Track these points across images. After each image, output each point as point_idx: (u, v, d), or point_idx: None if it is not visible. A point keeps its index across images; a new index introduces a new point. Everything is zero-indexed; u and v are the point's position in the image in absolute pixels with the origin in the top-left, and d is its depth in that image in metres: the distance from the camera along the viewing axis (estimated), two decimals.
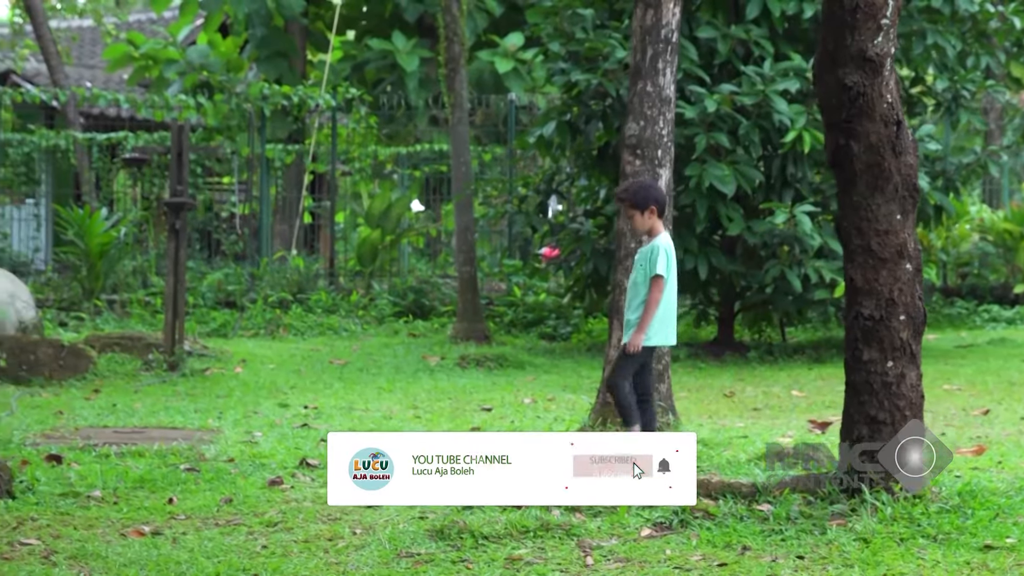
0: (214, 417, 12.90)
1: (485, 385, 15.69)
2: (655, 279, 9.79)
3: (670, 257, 9.89)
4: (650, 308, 9.82)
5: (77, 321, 20.37)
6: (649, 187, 10.13)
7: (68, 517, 8.26)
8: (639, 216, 9.93)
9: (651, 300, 9.81)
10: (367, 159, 26.93)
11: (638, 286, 9.92)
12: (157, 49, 29.48)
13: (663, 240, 9.92)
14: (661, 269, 9.79)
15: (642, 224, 9.97)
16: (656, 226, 9.95)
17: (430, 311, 22.10)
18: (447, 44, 19.77)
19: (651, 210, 9.89)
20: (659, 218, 9.95)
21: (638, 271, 9.96)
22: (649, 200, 9.91)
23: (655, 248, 9.85)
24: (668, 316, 10.00)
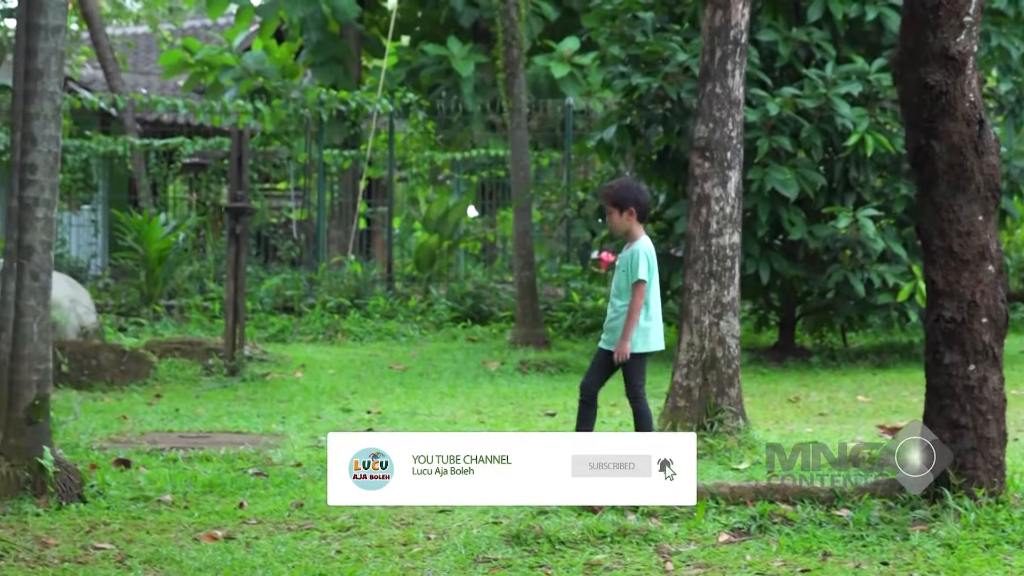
0: (277, 422, 12.89)
1: (547, 390, 15.60)
2: (637, 284, 9.68)
3: (651, 261, 9.78)
4: (633, 314, 9.70)
5: (136, 326, 20.39)
6: (632, 188, 10.00)
7: (140, 521, 8.24)
8: (616, 215, 9.79)
9: (634, 306, 9.70)
10: (424, 164, 26.86)
11: (621, 292, 9.80)
12: (213, 55, 29.53)
13: (643, 244, 9.80)
14: (643, 274, 9.69)
15: (619, 224, 9.83)
16: (635, 229, 9.83)
17: (488, 316, 22.01)
18: (505, 48, 19.70)
19: (630, 211, 9.76)
20: (639, 222, 9.83)
21: (620, 276, 9.83)
22: (629, 201, 9.77)
23: (635, 252, 9.73)
24: (656, 320, 9.92)
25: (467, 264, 26.10)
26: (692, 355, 10.65)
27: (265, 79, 28.31)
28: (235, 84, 28.95)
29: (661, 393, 14.94)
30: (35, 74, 8.64)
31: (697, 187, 10.71)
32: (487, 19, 29.43)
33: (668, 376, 16.45)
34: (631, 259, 9.74)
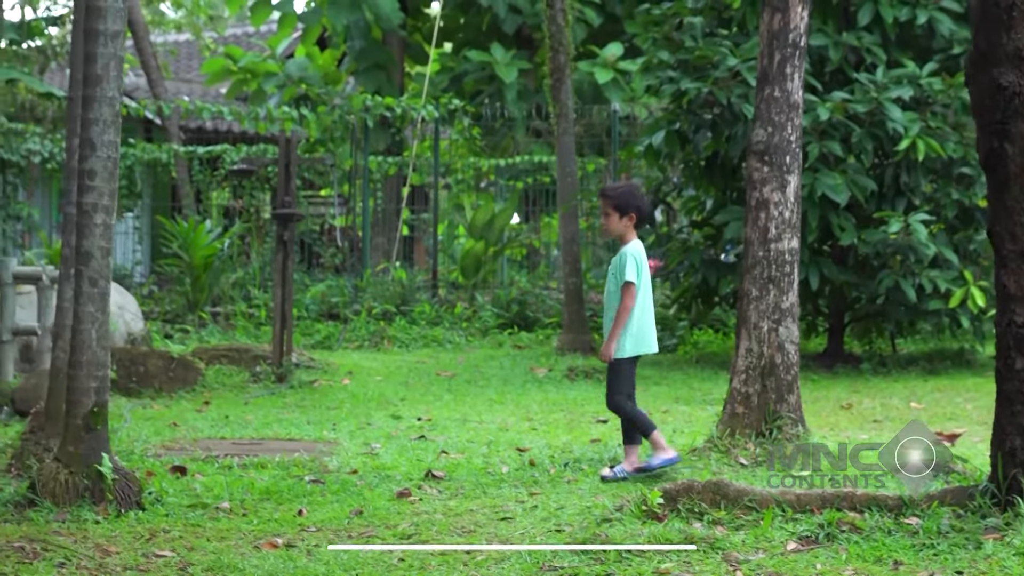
0: (328, 429, 12.83)
1: (596, 397, 15.48)
2: (626, 286, 9.63)
3: (640, 263, 9.71)
4: (621, 316, 9.65)
5: (182, 333, 20.38)
6: (637, 193, 9.98)
7: (199, 529, 8.18)
8: (616, 219, 9.76)
9: (623, 308, 9.65)
10: (469, 170, 26.80)
11: (612, 295, 9.75)
12: (256, 62, 29.54)
13: (633, 247, 9.75)
14: (631, 276, 9.63)
15: (616, 227, 9.79)
16: (628, 233, 9.78)
17: (534, 323, 21.94)
18: (552, 54, 19.63)
19: (630, 216, 9.75)
20: (636, 227, 9.80)
21: (611, 280, 9.79)
22: (631, 207, 9.76)
23: (623, 255, 9.70)
24: (646, 324, 9.84)
25: (511, 271, 26.03)
26: (751, 361, 10.52)
27: (308, 86, 28.32)
28: (278, 91, 28.97)
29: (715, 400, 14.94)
30: (94, 80, 8.60)
31: (755, 192, 10.60)
32: (530, 25, 29.43)
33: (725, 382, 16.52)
34: (620, 262, 9.72)
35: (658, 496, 7.88)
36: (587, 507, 8.55)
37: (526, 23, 29.74)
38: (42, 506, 8.36)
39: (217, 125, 30.48)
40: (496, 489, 9.43)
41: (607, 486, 9.34)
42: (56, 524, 8.05)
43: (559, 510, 8.53)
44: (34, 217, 26.12)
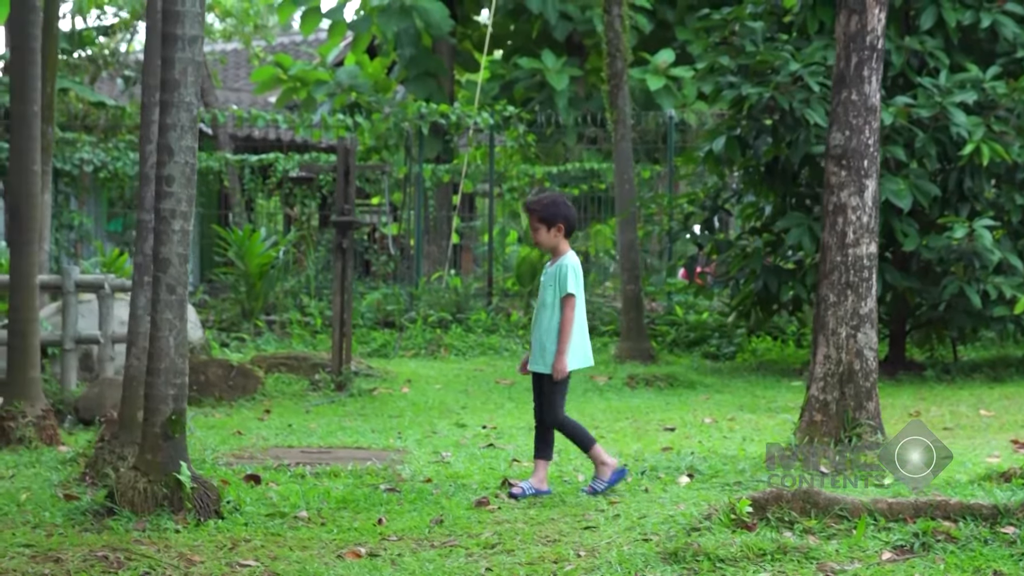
0: (394, 437, 12.76)
1: (660, 405, 15.40)
2: (567, 298, 9.44)
3: (577, 275, 9.53)
4: (566, 329, 9.45)
5: (238, 342, 20.35)
6: (561, 203, 9.69)
7: (280, 538, 8.09)
8: (544, 231, 9.53)
9: (566, 320, 9.45)
10: (524, 177, 26.71)
11: (547, 308, 9.53)
12: (307, 71, 29.52)
13: (569, 259, 9.55)
14: (572, 288, 9.44)
15: (547, 240, 9.57)
16: (561, 245, 9.58)
17: (591, 331, 21.77)
18: (609, 60, 19.52)
19: (559, 227, 9.51)
20: (566, 237, 9.59)
21: (547, 292, 9.56)
22: (558, 217, 9.51)
23: (562, 267, 9.49)
24: (583, 337, 9.68)
25: None
26: (829, 368, 10.38)
27: (358, 94, 28.28)
28: (328, 99, 28.95)
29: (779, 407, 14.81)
30: (171, 85, 8.53)
31: (833, 196, 10.47)
32: (581, 32, 29.31)
33: (787, 390, 16.40)
34: (558, 273, 9.51)
35: (747, 505, 7.75)
36: (670, 516, 8.42)
37: (577, 30, 29.62)
38: (121, 515, 8.28)
39: (266, 133, 30.49)
40: (574, 498, 9.32)
41: (687, 495, 9.21)
42: (137, 533, 7.98)
43: (642, 519, 8.41)
44: (86, 226, 26.15)
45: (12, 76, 11.94)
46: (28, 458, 11.03)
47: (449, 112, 24.63)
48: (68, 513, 8.50)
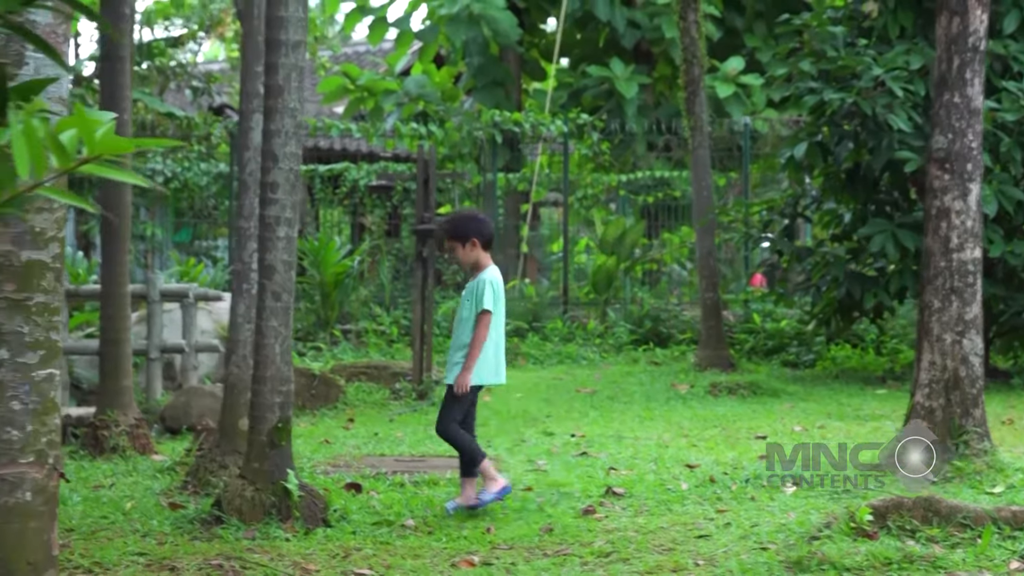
0: (484, 446, 12.58)
1: (746, 413, 15.24)
2: (482, 315, 9.21)
3: (496, 291, 9.30)
4: (476, 345, 9.20)
5: (315, 351, 20.31)
6: (471, 219, 9.55)
7: (390, 547, 8.02)
8: (460, 248, 9.38)
9: (477, 337, 9.21)
10: (599, 186, 26.62)
11: (464, 322, 9.33)
12: (375, 80, 29.53)
13: (489, 273, 9.36)
14: (488, 304, 9.22)
15: (465, 257, 9.40)
16: (482, 259, 9.40)
17: (668, 339, 21.71)
18: (686, 66, 19.39)
19: (472, 242, 9.34)
20: (484, 250, 9.41)
21: (464, 306, 9.38)
22: (470, 232, 9.35)
23: (480, 282, 9.30)
24: (498, 352, 9.44)
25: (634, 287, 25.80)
26: (934, 375, 10.22)
27: (426, 103, 28.26)
28: (396, 109, 28.94)
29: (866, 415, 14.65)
30: (275, 91, 8.48)
31: (936, 200, 10.31)
32: (649, 40, 29.22)
33: (872, 397, 16.24)
34: (476, 288, 9.31)
35: (867, 513, 7.62)
36: (782, 524, 8.31)
37: (645, 37, 29.54)
38: (229, 523, 8.23)
39: (332, 143, 30.49)
40: (680, 506, 9.21)
41: (795, 503, 9.09)
42: (247, 542, 7.92)
43: (754, 527, 8.30)
44: (157, 236, 26.22)
45: (103, 85, 11.94)
46: (124, 467, 11.02)
47: (522, 120, 24.55)
48: (175, 522, 8.46)
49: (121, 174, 2.50)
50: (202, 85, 28.24)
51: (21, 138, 2.50)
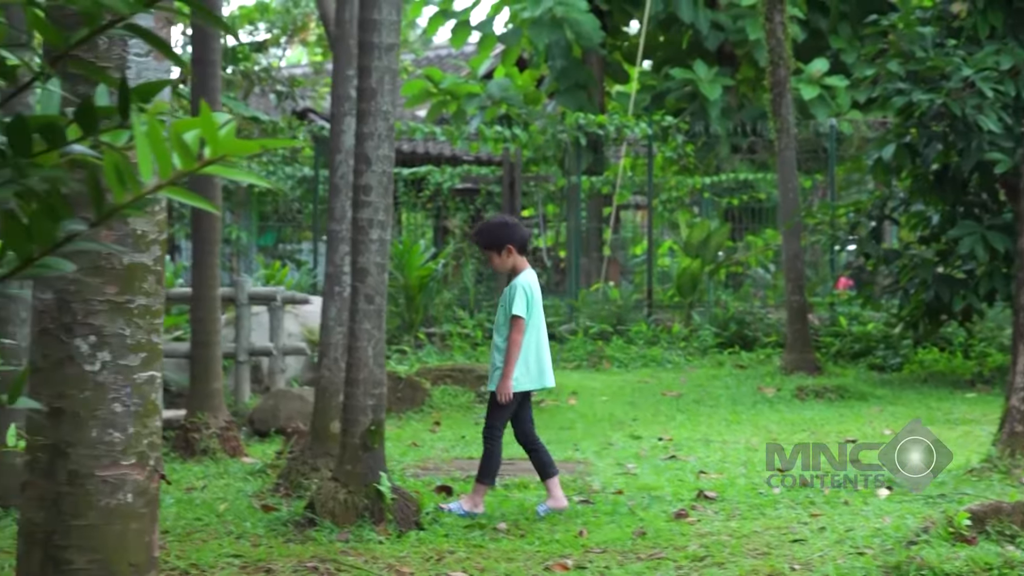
0: (571, 449, 12.66)
1: (834, 417, 15.13)
2: (514, 320, 9.19)
3: (529, 295, 9.26)
4: (512, 351, 9.19)
5: (399, 354, 20.34)
6: (503, 225, 9.51)
7: (483, 550, 8.01)
8: (496, 257, 9.35)
9: (513, 342, 9.19)
10: (683, 188, 26.54)
11: (500, 327, 9.32)
12: (457, 84, 29.57)
13: (523, 278, 9.31)
14: (519, 309, 9.18)
15: (502, 264, 9.36)
16: (518, 264, 9.36)
17: (753, 342, 21.59)
18: (772, 68, 19.27)
19: (508, 249, 9.30)
20: (520, 255, 9.36)
21: (500, 312, 9.37)
22: (503, 239, 9.32)
23: (512, 287, 9.28)
24: (540, 357, 9.40)
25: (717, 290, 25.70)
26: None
27: (509, 106, 28.27)
28: (479, 112, 28.96)
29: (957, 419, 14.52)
30: (369, 94, 8.50)
31: None
32: (732, 42, 29.09)
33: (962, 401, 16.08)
34: (509, 294, 9.30)
35: (965, 518, 7.53)
36: (877, 528, 8.24)
37: (728, 39, 29.42)
38: (322, 526, 8.26)
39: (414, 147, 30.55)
40: (773, 510, 9.14)
41: (890, 508, 9.01)
42: (341, 544, 7.94)
43: (849, 532, 8.23)
44: (242, 240, 26.38)
45: (194, 89, 12.01)
46: (215, 469, 11.08)
47: (606, 123, 24.51)
48: (269, 524, 8.49)
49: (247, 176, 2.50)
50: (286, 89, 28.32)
51: (144, 140, 2.50)
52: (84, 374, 5.41)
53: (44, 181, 2.58)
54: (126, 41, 5.39)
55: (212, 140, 2.51)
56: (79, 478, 5.41)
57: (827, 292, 22.68)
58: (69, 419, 5.38)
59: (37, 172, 2.62)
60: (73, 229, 2.58)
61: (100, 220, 2.62)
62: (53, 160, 2.66)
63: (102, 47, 5.25)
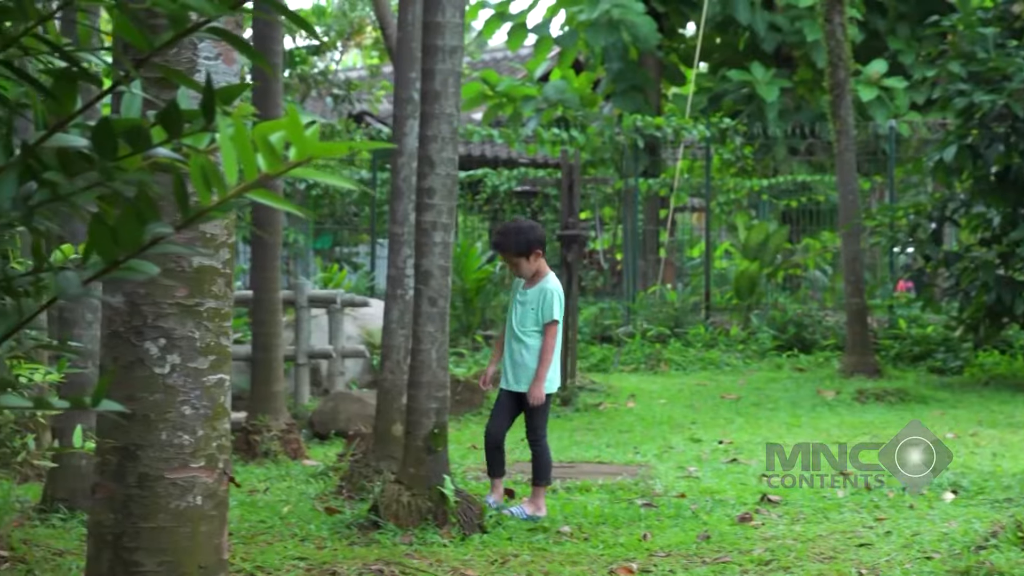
0: (631, 452, 12.63)
1: (894, 420, 15.01)
2: (551, 325, 9.19)
3: (561, 299, 9.32)
4: (548, 356, 9.21)
5: (457, 357, 20.35)
6: (530, 229, 9.43)
7: (547, 553, 7.98)
8: (524, 262, 9.31)
9: (549, 347, 9.21)
10: (742, 190, 26.45)
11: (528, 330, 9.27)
12: (514, 86, 29.57)
13: (552, 281, 9.32)
14: (557, 314, 9.21)
15: (529, 267, 9.32)
16: (542, 266, 9.35)
17: (812, 345, 21.48)
18: (831, 70, 19.16)
19: (536, 253, 9.29)
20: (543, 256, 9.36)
21: (527, 314, 9.28)
22: (531, 244, 9.27)
23: (546, 291, 9.24)
24: (559, 361, 9.47)
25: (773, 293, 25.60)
26: None
27: (566, 109, 28.24)
28: (535, 115, 28.94)
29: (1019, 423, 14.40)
30: (432, 96, 8.49)
31: None
32: (789, 44, 28.98)
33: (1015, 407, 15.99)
34: (542, 298, 9.26)
35: None
36: (944, 533, 8.18)
37: (785, 41, 29.31)
38: (386, 528, 8.25)
39: (469, 150, 30.57)
40: (837, 514, 9.09)
41: (955, 512, 8.94)
42: (405, 547, 7.93)
43: (916, 536, 8.17)
44: (299, 242, 26.44)
45: (255, 93, 12.04)
46: (277, 471, 11.09)
47: (664, 125, 24.46)
48: (333, 526, 8.49)
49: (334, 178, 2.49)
50: (343, 93, 28.43)
51: (230, 142, 2.49)
52: (154, 377, 5.43)
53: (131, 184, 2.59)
54: (196, 44, 5.42)
55: (298, 142, 2.51)
56: (149, 480, 5.44)
57: (886, 295, 22.54)
58: (139, 422, 5.41)
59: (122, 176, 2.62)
60: (159, 232, 2.58)
61: (185, 223, 2.62)
62: (136, 163, 2.66)
63: (172, 51, 5.26)
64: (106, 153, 2.61)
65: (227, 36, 2.73)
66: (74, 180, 2.66)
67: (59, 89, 2.77)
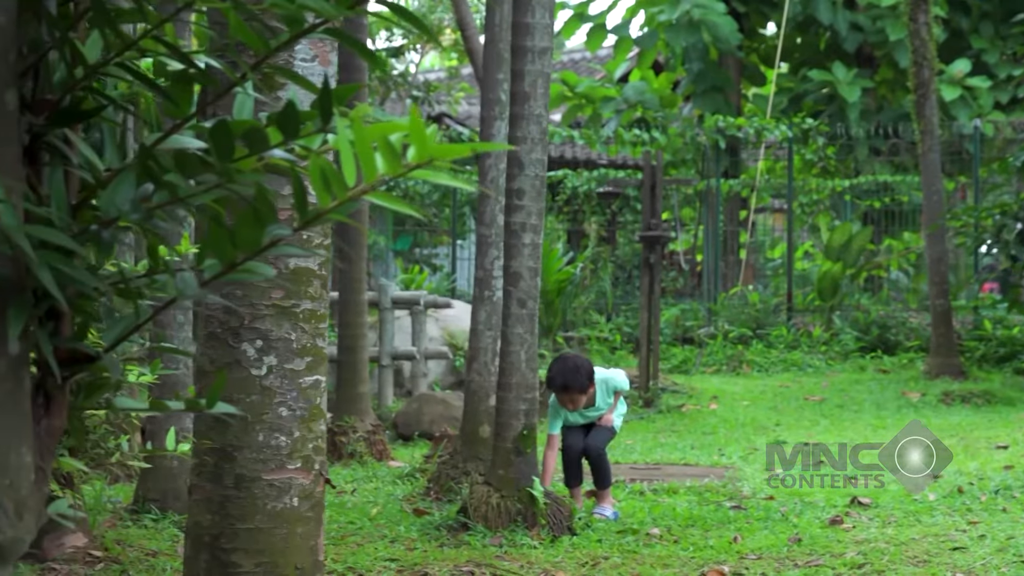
0: (716, 454, 12.58)
1: (982, 422, 14.89)
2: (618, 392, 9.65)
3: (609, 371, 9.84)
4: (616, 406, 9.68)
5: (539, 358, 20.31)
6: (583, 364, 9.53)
7: (637, 555, 7.95)
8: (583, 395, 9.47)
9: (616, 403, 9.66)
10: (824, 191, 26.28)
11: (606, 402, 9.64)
12: (593, 87, 29.52)
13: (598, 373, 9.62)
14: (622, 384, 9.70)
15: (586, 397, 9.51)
16: None
17: (895, 346, 21.31)
18: (916, 69, 19.01)
19: (592, 384, 9.42)
20: None
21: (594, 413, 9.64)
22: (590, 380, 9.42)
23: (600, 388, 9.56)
24: None
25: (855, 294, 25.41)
26: None
27: (645, 109, 28.16)
28: (615, 116, 28.87)
29: None
30: (522, 97, 8.48)
31: None
32: (871, 43, 28.77)
33: None
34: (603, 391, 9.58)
35: None
36: None
37: (867, 41, 29.09)
38: (475, 530, 8.25)
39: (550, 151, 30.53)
40: (929, 517, 8.99)
41: None
42: (494, 548, 7.92)
43: (1010, 539, 8.07)
44: (379, 244, 26.50)
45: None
46: (363, 472, 11.12)
47: (746, 125, 24.34)
48: (422, 528, 8.50)
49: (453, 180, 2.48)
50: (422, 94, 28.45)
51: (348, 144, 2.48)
52: (251, 378, 5.44)
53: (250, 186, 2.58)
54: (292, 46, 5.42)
55: (419, 143, 2.50)
56: (245, 482, 5.45)
57: (971, 295, 22.33)
58: (236, 423, 5.42)
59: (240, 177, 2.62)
60: (279, 234, 2.58)
61: (304, 225, 2.61)
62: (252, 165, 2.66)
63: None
64: (224, 154, 2.61)
65: (341, 36, 2.73)
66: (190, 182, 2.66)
67: (176, 91, 2.77)
